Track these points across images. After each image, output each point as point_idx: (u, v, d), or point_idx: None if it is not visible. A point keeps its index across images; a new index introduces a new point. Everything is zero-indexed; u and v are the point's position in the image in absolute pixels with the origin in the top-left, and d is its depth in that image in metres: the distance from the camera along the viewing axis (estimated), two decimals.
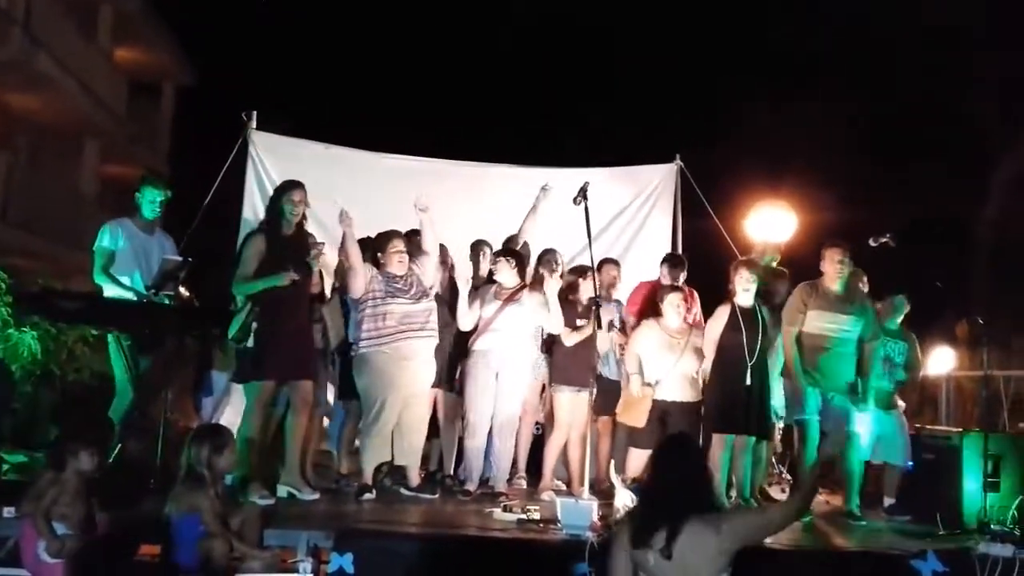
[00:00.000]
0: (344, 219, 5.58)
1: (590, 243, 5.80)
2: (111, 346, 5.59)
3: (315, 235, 5.86)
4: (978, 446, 5.59)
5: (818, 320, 5.76)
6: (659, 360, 5.87)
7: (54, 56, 12.95)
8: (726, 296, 5.99)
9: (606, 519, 4.73)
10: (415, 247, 5.90)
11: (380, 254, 5.79)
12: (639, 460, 5.81)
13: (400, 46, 20.80)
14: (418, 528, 4.91)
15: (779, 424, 6.52)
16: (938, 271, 6.85)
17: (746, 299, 5.88)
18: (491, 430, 5.98)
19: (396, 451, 5.72)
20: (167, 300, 5.48)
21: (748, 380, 5.73)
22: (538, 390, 6.34)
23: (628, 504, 4.82)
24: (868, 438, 5.89)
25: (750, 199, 7.77)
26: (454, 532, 4.86)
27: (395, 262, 5.75)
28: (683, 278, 6.52)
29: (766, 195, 7.77)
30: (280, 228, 5.52)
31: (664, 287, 6.24)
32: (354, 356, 5.71)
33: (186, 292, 5.72)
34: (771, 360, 5.97)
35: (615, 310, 6.40)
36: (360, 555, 4.25)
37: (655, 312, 6.08)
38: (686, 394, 5.87)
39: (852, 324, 5.78)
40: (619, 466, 5.85)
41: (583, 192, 5.82)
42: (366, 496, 5.54)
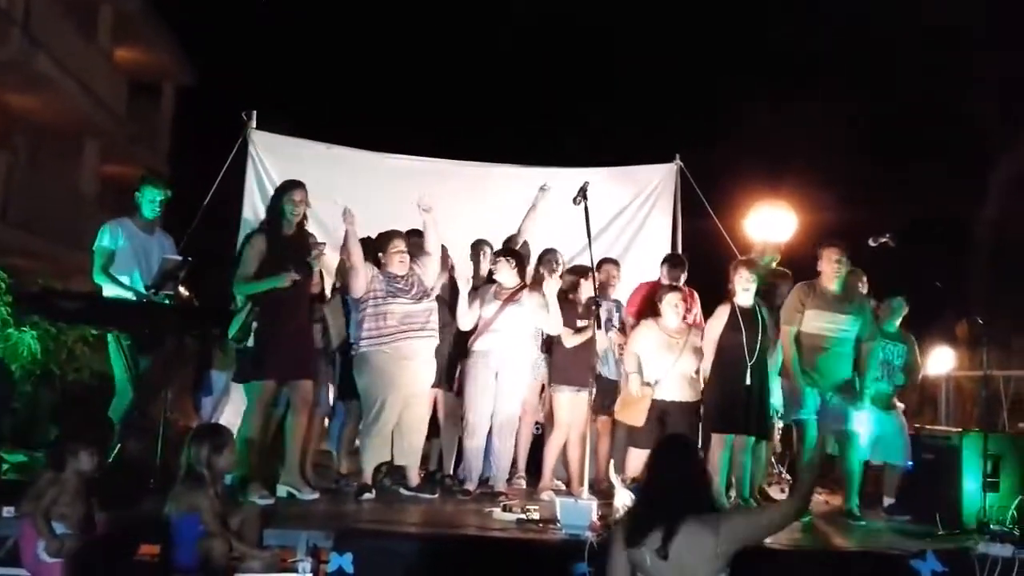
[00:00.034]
0: (347, 217, 5.57)
1: (590, 243, 5.80)
2: (111, 346, 5.59)
3: (315, 235, 5.87)
4: (978, 446, 5.59)
5: (816, 320, 5.76)
6: (658, 360, 5.86)
7: (54, 56, 12.94)
8: (726, 296, 5.99)
9: (605, 519, 4.74)
10: (415, 247, 5.91)
11: (381, 254, 5.79)
12: (638, 460, 5.79)
13: (400, 46, 20.80)
14: (418, 528, 4.92)
15: (778, 424, 6.53)
16: (938, 271, 6.86)
17: (746, 299, 5.88)
18: (491, 430, 5.98)
19: (396, 451, 5.73)
20: (167, 300, 5.47)
21: (748, 380, 5.73)
22: (537, 390, 6.34)
23: (628, 504, 4.81)
24: (867, 438, 5.90)
25: (750, 199, 7.75)
26: (454, 532, 4.87)
27: (396, 262, 5.75)
28: (683, 278, 6.52)
29: (766, 195, 7.75)
30: (281, 228, 5.52)
31: (663, 287, 6.24)
32: (354, 355, 5.71)
33: (186, 292, 5.72)
34: (771, 360, 5.97)
35: (613, 310, 6.40)
36: (359, 555, 4.25)
37: (654, 312, 6.07)
38: (685, 394, 5.86)
39: (850, 324, 5.79)
40: (618, 466, 5.85)
41: (583, 192, 5.82)
42: (366, 496, 5.55)
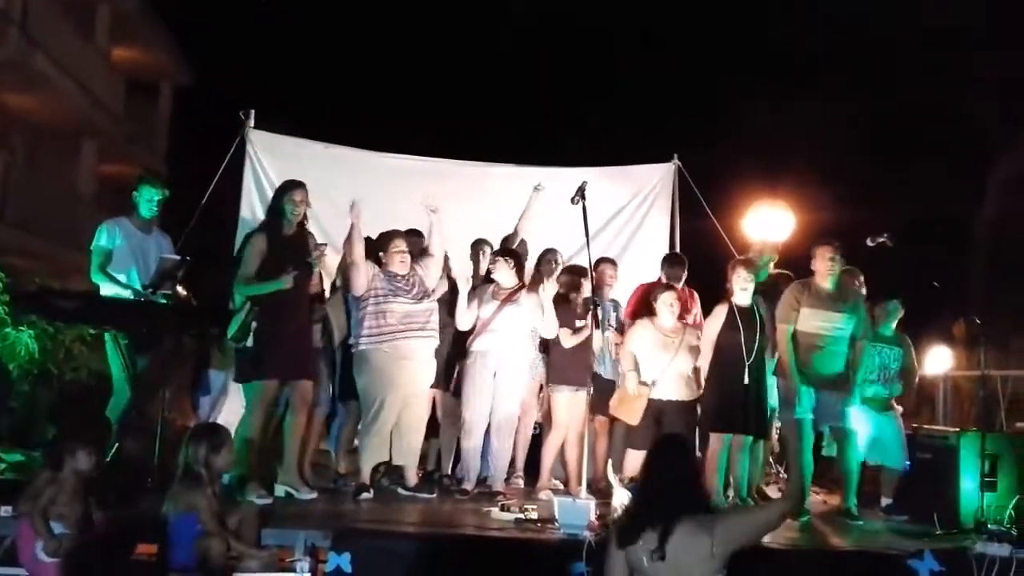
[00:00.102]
0: (354, 211, 5.55)
1: (588, 243, 5.80)
2: (108, 345, 5.57)
3: (315, 236, 5.85)
4: (975, 446, 5.59)
5: (811, 319, 5.76)
6: (654, 359, 5.84)
7: (51, 56, 12.94)
8: (723, 296, 5.98)
9: (604, 519, 4.73)
10: (416, 247, 5.90)
11: (382, 253, 5.78)
12: (636, 459, 5.76)
13: (399, 45, 20.79)
14: (416, 528, 4.92)
15: (776, 424, 6.52)
16: (936, 271, 6.86)
17: (743, 298, 5.88)
18: (489, 430, 5.98)
19: (394, 451, 5.72)
20: (164, 299, 5.47)
21: (746, 379, 5.73)
22: (535, 390, 6.33)
23: (625, 504, 4.81)
24: (864, 440, 5.90)
25: (748, 199, 7.75)
26: (452, 532, 4.87)
27: (397, 262, 5.74)
28: (684, 277, 6.51)
29: (764, 195, 7.75)
30: (281, 228, 5.51)
31: (657, 286, 6.22)
32: (354, 354, 5.70)
33: (183, 291, 5.71)
34: (768, 359, 5.96)
35: (611, 309, 6.40)
36: (358, 554, 4.25)
37: (649, 313, 6.05)
38: (681, 393, 5.85)
39: (845, 322, 5.78)
40: (616, 465, 5.84)
41: (581, 192, 5.82)
42: (364, 496, 5.54)
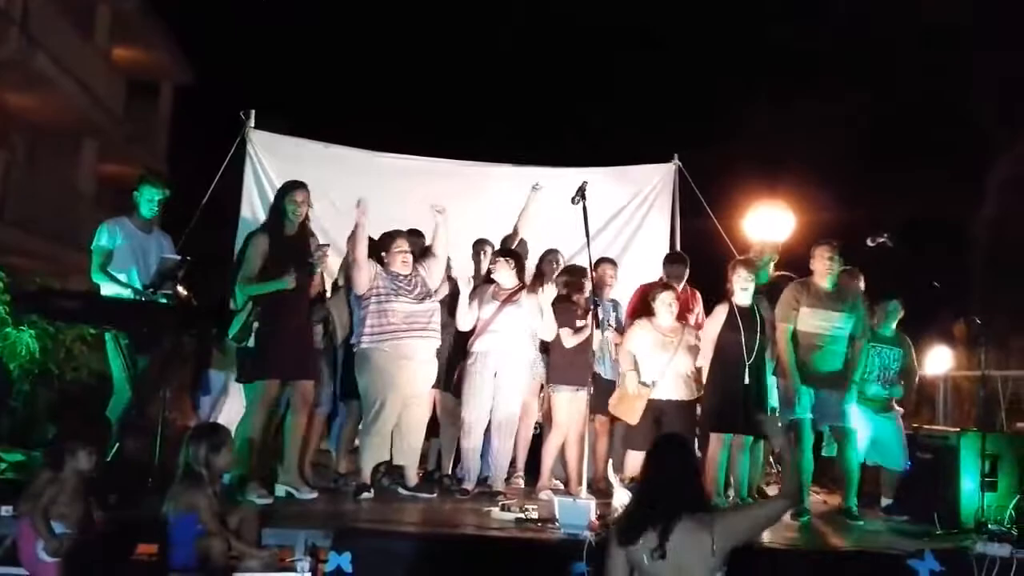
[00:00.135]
0: (360, 208, 5.55)
1: (588, 243, 5.80)
2: (109, 345, 5.57)
3: (316, 236, 5.85)
4: (975, 446, 5.58)
5: (811, 318, 5.76)
6: (653, 359, 5.84)
7: (52, 55, 12.93)
8: (724, 296, 5.98)
9: (604, 518, 4.73)
10: (416, 247, 5.89)
11: (384, 253, 5.79)
12: (637, 459, 5.77)
13: (400, 45, 20.81)
14: (416, 527, 4.92)
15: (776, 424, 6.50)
16: (936, 271, 6.86)
17: (744, 298, 5.88)
18: (490, 430, 5.98)
19: (395, 451, 5.72)
20: (165, 299, 5.47)
21: (746, 380, 5.72)
22: (536, 390, 6.33)
23: (626, 503, 4.81)
24: (864, 440, 5.89)
25: (748, 199, 7.77)
26: (452, 531, 4.86)
27: (399, 262, 5.74)
28: (686, 275, 6.51)
29: (764, 195, 7.77)
30: (283, 228, 5.52)
31: (655, 285, 6.20)
32: (355, 353, 5.70)
33: (184, 291, 5.71)
34: (768, 360, 5.96)
35: (610, 309, 6.40)
36: (358, 554, 4.25)
37: (649, 313, 6.05)
38: (681, 393, 5.84)
39: (844, 321, 5.78)
40: (617, 465, 5.85)
41: (581, 192, 5.82)
42: (364, 495, 5.54)
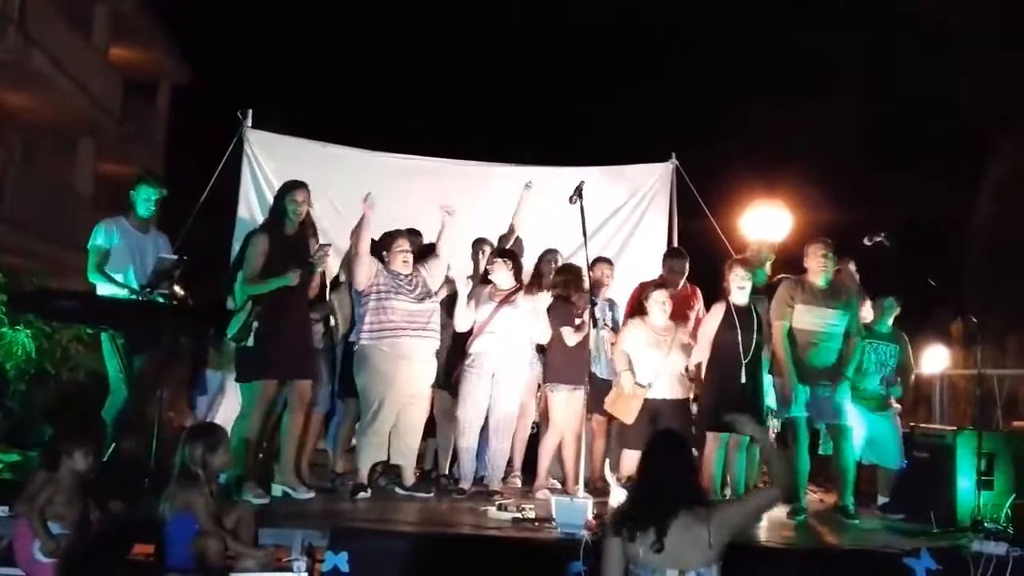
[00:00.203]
0: (367, 202, 5.55)
1: (585, 242, 5.80)
2: (105, 345, 5.57)
3: (317, 236, 5.85)
4: (972, 444, 5.58)
5: (806, 316, 5.76)
6: (647, 358, 5.84)
7: (49, 54, 12.92)
8: (720, 295, 5.99)
9: (601, 518, 4.73)
10: (416, 247, 5.90)
11: (385, 253, 5.79)
12: (633, 459, 5.77)
13: (398, 45, 20.80)
14: (413, 527, 4.92)
15: (774, 423, 6.51)
16: (933, 270, 6.86)
17: (741, 297, 5.88)
18: (488, 430, 5.98)
19: (392, 451, 5.73)
20: (161, 299, 5.47)
21: (742, 378, 5.73)
22: (533, 390, 6.34)
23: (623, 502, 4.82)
24: (860, 439, 5.90)
25: (746, 198, 7.76)
26: (449, 531, 4.87)
27: (399, 261, 5.75)
28: (686, 272, 6.50)
29: (762, 194, 7.76)
30: (283, 228, 5.52)
31: (648, 285, 6.19)
32: (355, 351, 5.70)
33: (181, 291, 5.71)
34: (765, 358, 5.96)
35: (607, 308, 6.40)
36: (355, 554, 4.26)
37: (643, 312, 6.05)
38: (675, 391, 5.85)
39: (839, 318, 5.78)
40: (614, 465, 5.85)
41: (579, 191, 5.83)
42: (361, 495, 5.54)
